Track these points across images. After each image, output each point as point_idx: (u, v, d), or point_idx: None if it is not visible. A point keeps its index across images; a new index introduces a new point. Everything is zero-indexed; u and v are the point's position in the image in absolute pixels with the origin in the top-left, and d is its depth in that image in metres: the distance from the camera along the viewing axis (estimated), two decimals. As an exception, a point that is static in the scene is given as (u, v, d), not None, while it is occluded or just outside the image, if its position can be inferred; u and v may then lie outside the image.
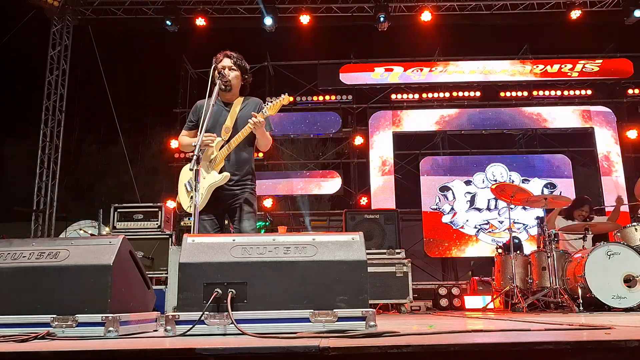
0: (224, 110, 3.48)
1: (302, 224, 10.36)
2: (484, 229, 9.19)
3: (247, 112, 3.40)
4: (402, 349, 1.46)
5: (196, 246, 2.30)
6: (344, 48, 10.85)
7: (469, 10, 9.52)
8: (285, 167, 10.93)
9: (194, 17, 9.33)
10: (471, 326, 2.64)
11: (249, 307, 2.17)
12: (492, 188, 5.96)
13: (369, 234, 6.46)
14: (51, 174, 9.29)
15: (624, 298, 4.54)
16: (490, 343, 1.54)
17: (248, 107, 3.47)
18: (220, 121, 3.44)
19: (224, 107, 3.50)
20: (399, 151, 9.96)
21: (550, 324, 2.61)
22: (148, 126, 18.59)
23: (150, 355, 1.57)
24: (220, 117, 3.45)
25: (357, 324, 2.13)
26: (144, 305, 2.57)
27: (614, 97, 10.04)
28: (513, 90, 10.09)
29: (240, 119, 3.43)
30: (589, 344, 1.54)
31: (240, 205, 3.41)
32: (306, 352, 1.49)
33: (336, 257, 2.24)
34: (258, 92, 10.32)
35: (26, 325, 2.12)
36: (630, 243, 4.96)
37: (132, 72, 17.76)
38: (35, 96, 9.76)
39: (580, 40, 10.54)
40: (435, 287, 7.56)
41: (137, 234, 6.17)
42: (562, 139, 10.15)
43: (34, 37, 10.49)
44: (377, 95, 10.22)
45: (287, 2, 9.42)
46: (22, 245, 2.35)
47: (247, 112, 3.39)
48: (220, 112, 3.47)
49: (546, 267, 5.25)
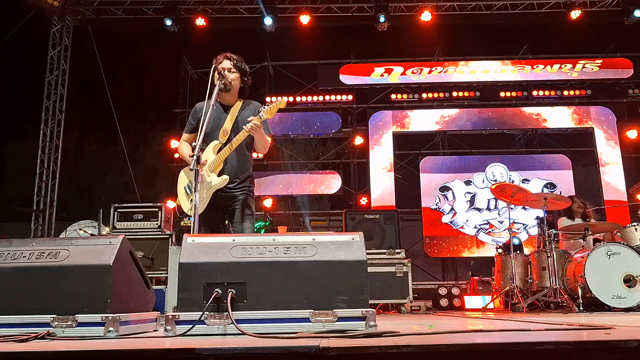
0: (223, 113, 3.49)
1: (302, 224, 10.36)
2: (484, 229, 9.19)
3: (246, 115, 3.41)
4: (402, 349, 1.46)
5: (196, 246, 2.30)
6: (344, 48, 10.87)
7: (469, 10, 9.52)
8: (285, 167, 10.93)
9: (194, 17, 9.33)
10: (471, 326, 2.64)
11: (249, 307, 2.17)
12: (492, 188, 5.96)
13: (369, 234, 6.46)
14: (51, 174, 9.29)
15: (624, 298, 4.54)
16: (490, 343, 1.54)
17: (247, 111, 3.48)
18: (219, 124, 3.44)
19: (223, 110, 3.51)
20: (399, 151, 9.96)
21: (550, 324, 2.61)
22: (148, 126, 18.62)
23: (150, 355, 1.57)
24: (220, 120, 3.45)
25: (357, 324, 2.13)
26: (144, 305, 2.57)
27: (614, 97, 10.04)
28: (513, 90, 10.08)
29: (239, 122, 3.43)
30: (589, 344, 1.54)
31: (239, 207, 3.42)
32: (306, 352, 1.49)
33: (336, 257, 2.24)
34: (258, 92, 10.36)
35: (26, 325, 2.12)
36: (630, 243, 4.96)
37: (132, 72, 17.78)
38: (35, 96, 9.77)
39: (580, 40, 10.56)
40: (435, 287, 7.56)
41: (137, 234, 6.16)
42: (562, 139, 10.15)
43: (34, 37, 10.51)
44: (377, 95, 10.22)
45: (287, 2, 9.42)
46: (22, 245, 2.35)
47: (246, 115, 3.39)
48: (220, 115, 3.47)
49: (546, 267, 5.25)
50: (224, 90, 3.40)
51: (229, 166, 3.41)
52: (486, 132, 10.05)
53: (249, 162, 3.56)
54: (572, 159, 9.66)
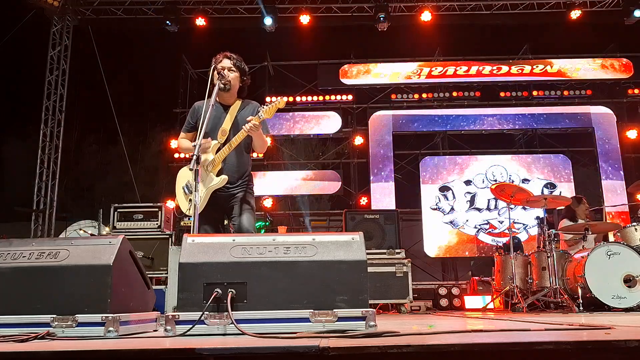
0: (222, 113, 3.49)
1: (302, 224, 10.36)
2: (484, 229, 9.18)
3: (245, 115, 3.41)
4: (402, 349, 1.46)
5: (196, 246, 2.30)
6: (344, 48, 10.87)
7: (469, 10, 9.52)
8: (285, 167, 10.92)
9: (194, 17, 9.33)
10: (471, 326, 2.64)
11: (249, 307, 2.17)
12: (492, 188, 5.95)
13: (369, 234, 6.46)
14: (51, 174, 9.29)
15: (624, 298, 4.54)
16: (490, 343, 1.54)
17: (246, 110, 3.48)
18: (219, 124, 3.45)
19: (223, 110, 3.51)
20: (399, 151, 9.96)
21: (550, 324, 2.61)
22: (148, 126, 18.61)
23: (150, 355, 1.57)
24: (219, 120, 3.45)
25: (357, 324, 2.13)
26: (144, 305, 2.57)
27: (614, 97, 10.04)
28: (513, 90, 10.08)
29: (239, 122, 3.43)
30: (589, 344, 1.54)
31: (239, 203, 3.42)
32: (306, 352, 1.49)
33: (336, 257, 2.24)
34: (258, 92, 10.35)
35: (26, 325, 2.12)
36: (630, 243, 4.96)
37: (132, 72, 17.76)
38: (35, 96, 9.76)
39: (580, 40, 10.55)
40: (435, 287, 7.56)
41: (137, 234, 6.16)
42: (562, 139, 10.15)
43: (34, 37, 10.50)
44: (377, 95, 10.22)
45: (287, 2, 9.42)
46: (22, 245, 2.35)
47: (245, 115, 3.39)
48: (219, 114, 3.47)
49: (546, 267, 5.25)
50: (223, 89, 3.40)
51: (227, 165, 3.42)
52: (486, 132, 10.05)
53: (248, 161, 3.57)
54: (572, 159, 9.66)
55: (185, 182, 3.50)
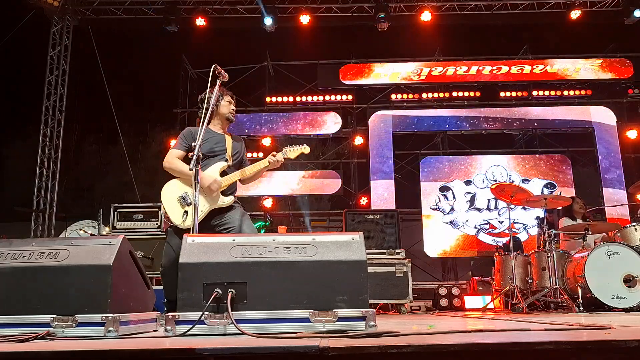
0: (222, 139, 3.68)
1: (302, 224, 10.36)
2: (484, 229, 9.18)
3: (236, 147, 3.70)
4: (402, 349, 1.46)
5: (196, 246, 2.30)
6: (344, 48, 10.87)
7: (469, 10, 9.51)
8: (285, 167, 10.92)
9: (194, 17, 9.32)
10: (471, 326, 2.64)
11: (249, 307, 2.17)
12: (492, 188, 5.96)
13: (369, 234, 6.46)
14: (51, 174, 9.28)
15: (624, 298, 4.54)
16: (490, 343, 1.54)
17: (238, 143, 3.76)
18: (216, 148, 3.60)
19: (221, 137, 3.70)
20: (399, 151, 9.95)
21: (550, 324, 2.61)
22: (148, 126, 18.57)
23: (150, 355, 1.57)
24: (217, 144, 3.62)
25: (357, 324, 2.13)
26: (144, 305, 2.57)
27: (614, 97, 10.03)
28: (513, 90, 10.08)
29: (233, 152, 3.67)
30: (589, 344, 1.54)
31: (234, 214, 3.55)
32: (306, 352, 1.49)
33: (336, 257, 2.24)
34: (258, 92, 10.35)
35: (26, 325, 2.12)
36: (630, 243, 4.96)
37: (132, 72, 17.73)
38: (35, 96, 9.76)
39: (580, 40, 10.55)
40: (435, 287, 7.56)
41: (137, 234, 6.16)
42: (562, 139, 10.15)
43: (34, 37, 10.49)
44: (377, 95, 10.21)
45: (287, 2, 9.41)
46: (22, 245, 2.35)
47: (236, 147, 3.70)
48: (220, 140, 3.65)
49: (546, 267, 5.25)
50: (229, 121, 3.73)
51: (230, 186, 3.62)
52: (486, 132, 10.05)
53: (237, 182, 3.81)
54: (572, 159, 9.66)
55: (181, 192, 3.48)
